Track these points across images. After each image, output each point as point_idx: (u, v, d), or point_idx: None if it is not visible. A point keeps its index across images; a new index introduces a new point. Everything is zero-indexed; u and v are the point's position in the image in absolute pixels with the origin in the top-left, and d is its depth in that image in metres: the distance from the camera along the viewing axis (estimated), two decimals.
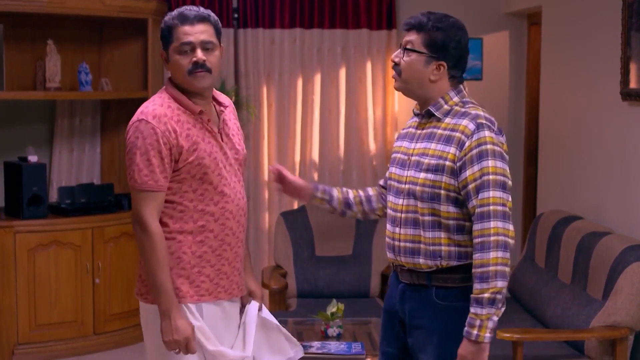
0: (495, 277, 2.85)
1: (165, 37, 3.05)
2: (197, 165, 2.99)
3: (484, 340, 2.87)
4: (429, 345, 3.04)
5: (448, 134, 2.98)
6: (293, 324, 4.87)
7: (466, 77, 6.73)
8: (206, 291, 3.06)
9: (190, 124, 3.02)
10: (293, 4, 6.57)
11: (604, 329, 4.17)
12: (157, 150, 2.93)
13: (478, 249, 2.88)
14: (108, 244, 5.86)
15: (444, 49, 3.02)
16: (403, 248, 3.07)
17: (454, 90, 3.06)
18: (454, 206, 2.97)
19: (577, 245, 4.73)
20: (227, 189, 3.07)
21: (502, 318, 5.03)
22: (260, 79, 6.61)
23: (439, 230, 2.99)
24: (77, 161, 6.46)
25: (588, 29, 5.30)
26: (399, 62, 3.07)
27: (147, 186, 2.95)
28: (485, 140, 2.92)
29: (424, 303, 3.06)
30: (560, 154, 5.75)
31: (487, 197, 2.88)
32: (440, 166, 2.96)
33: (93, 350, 5.82)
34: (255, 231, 6.68)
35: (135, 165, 2.95)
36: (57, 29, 6.11)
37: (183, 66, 3.02)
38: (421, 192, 2.99)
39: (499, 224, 2.87)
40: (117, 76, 6.36)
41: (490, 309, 2.85)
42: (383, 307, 3.32)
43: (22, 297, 5.58)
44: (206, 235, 3.05)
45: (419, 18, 3.08)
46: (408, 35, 3.08)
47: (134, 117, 3.02)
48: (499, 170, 2.91)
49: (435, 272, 3.02)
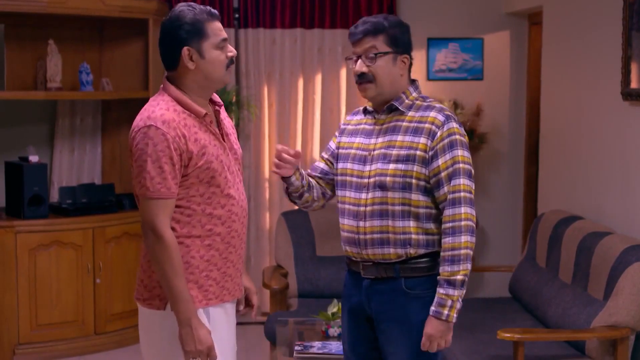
0: (466, 260, 3.02)
1: (197, 33, 2.93)
2: (205, 170, 2.94)
3: (452, 320, 3.02)
4: (401, 336, 3.12)
5: (415, 125, 3.11)
6: (294, 324, 4.86)
7: (467, 77, 6.82)
8: (213, 295, 3.01)
9: (197, 127, 2.95)
10: (294, 4, 6.57)
11: (605, 329, 4.17)
12: (168, 156, 2.85)
13: (449, 233, 3.03)
14: (109, 244, 5.86)
15: (405, 42, 3.17)
16: (370, 240, 3.12)
17: (412, 86, 3.22)
18: (423, 195, 3.09)
19: (578, 245, 4.73)
20: (232, 191, 3.02)
21: (503, 318, 5.05)
22: (261, 79, 6.61)
23: (408, 219, 3.09)
24: (78, 161, 6.46)
25: (589, 28, 5.30)
26: (367, 71, 3.16)
27: (160, 194, 2.87)
28: (454, 131, 3.08)
29: (393, 295, 3.13)
30: (561, 153, 5.75)
31: (458, 184, 3.04)
32: (411, 156, 3.08)
33: (94, 350, 5.83)
34: (256, 231, 6.68)
35: (147, 173, 2.86)
36: (58, 28, 6.11)
37: (222, 61, 2.98)
38: (392, 182, 3.08)
39: (468, 210, 3.04)
40: (118, 76, 6.36)
41: (461, 290, 3.02)
42: (343, 308, 3.34)
43: (23, 297, 5.58)
44: (213, 238, 3.00)
45: (371, 23, 3.15)
46: (364, 43, 3.15)
47: (138, 121, 2.92)
48: (466, 160, 3.09)
49: (403, 262, 3.11)
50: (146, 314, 3.05)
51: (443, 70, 6.71)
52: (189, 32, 2.92)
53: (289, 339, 4.63)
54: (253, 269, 6.69)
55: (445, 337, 3.04)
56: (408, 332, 3.10)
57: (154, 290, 3.00)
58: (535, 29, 6.55)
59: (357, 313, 3.25)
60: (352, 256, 3.22)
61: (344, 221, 3.22)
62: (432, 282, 3.08)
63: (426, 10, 6.70)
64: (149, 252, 2.92)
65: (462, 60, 6.75)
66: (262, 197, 6.66)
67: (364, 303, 3.20)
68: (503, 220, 6.77)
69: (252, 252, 6.69)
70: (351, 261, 3.25)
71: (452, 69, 6.75)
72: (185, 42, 2.92)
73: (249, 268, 6.71)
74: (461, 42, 6.71)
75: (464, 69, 6.76)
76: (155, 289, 3.00)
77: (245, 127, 6.59)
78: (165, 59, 3.01)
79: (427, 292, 3.09)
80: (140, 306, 3.07)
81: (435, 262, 3.11)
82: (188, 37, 2.92)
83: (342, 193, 3.24)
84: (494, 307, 5.26)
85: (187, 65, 2.94)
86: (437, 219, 3.10)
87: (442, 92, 6.60)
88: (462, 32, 6.70)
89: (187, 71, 2.96)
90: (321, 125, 6.66)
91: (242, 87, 6.56)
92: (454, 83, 6.74)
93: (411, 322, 3.10)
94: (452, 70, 6.75)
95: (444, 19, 6.70)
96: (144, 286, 3.04)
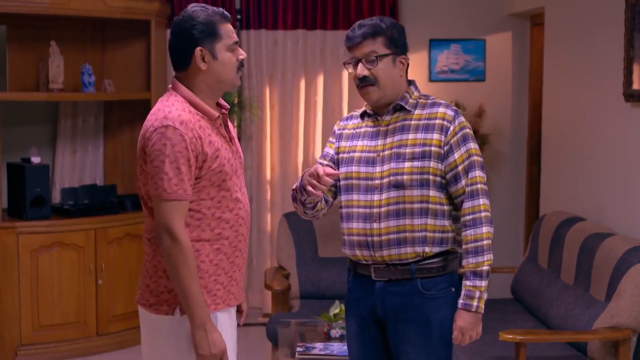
0: (489, 250, 3.09)
1: (210, 33, 2.90)
2: (218, 172, 2.90)
3: (481, 310, 3.08)
4: (418, 337, 3.12)
5: (425, 122, 3.13)
6: (296, 325, 4.86)
7: (469, 79, 6.82)
8: (220, 299, 2.98)
9: (209, 129, 2.92)
10: (296, 5, 6.58)
11: (607, 330, 4.17)
12: (186, 158, 2.80)
13: (470, 225, 3.08)
14: (111, 245, 5.86)
15: (402, 43, 3.19)
16: (386, 241, 3.11)
17: (412, 86, 3.24)
18: (438, 191, 3.12)
19: (580, 247, 4.72)
20: (239, 194, 3.00)
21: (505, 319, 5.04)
22: (263, 80, 6.62)
23: (425, 216, 3.11)
24: (80, 162, 6.47)
25: (591, 29, 5.30)
26: (368, 74, 3.14)
27: (177, 195, 2.81)
28: (464, 125, 3.14)
29: (409, 296, 3.13)
30: (563, 154, 5.75)
31: (475, 176, 3.10)
32: (426, 152, 3.10)
33: (96, 352, 5.83)
34: (258, 232, 6.68)
35: (164, 174, 2.80)
36: (60, 30, 6.12)
37: (234, 63, 2.95)
38: (410, 180, 3.09)
39: (485, 201, 3.11)
40: (120, 77, 6.37)
41: (486, 281, 3.08)
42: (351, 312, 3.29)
43: (25, 298, 5.58)
44: (222, 242, 2.96)
45: (369, 26, 3.15)
46: (363, 47, 3.14)
47: (154, 121, 2.86)
48: (478, 152, 3.15)
49: (418, 262, 3.12)
50: (151, 318, 3.01)
51: (445, 71, 6.71)
52: (202, 32, 2.89)
53: (291, 340, 4.63)
54: (255, 270, 6.69)
55: (476, 328, 3.09)
56: (427, 333, 3.11)
57: (162, 295, 2.96)
58: (537, 30, 6.55)
59: (366, 317, 3.23)
60: (361, 259, 3.20)
61: (352, 225, 3.18)
62: (447, 281, 3.14)
63: (428, 12, 6.71)
64: (164, 255, 2.85)
65: (464, 62, 6.75)
66: (264, 199, 6.67)
67: (377, 306, 3.18)
68: (505, 221, 6.76)
69: (253, 253, 6.69)
70: (359, 265, 3.22)
71: (454, 70, 6.75)
72: (198, 42, 2.89)
73: (251, 269, 6.71)
74: (463, 43, 6.71)
75: (465, 70, 6.76)
76: (162, 295, 2.95)
77: (247, 128, 6.59)
78: (175, 59, 2.97)
79: (442, 292, 3.13)
80: (145, 311, 3.02)
81: (447, 261, 3.15)
82: (201, 37, 2.89)
83: (347, 197, 3.21)
84: (496, 308, 5.25)
85: (199, 65, 2.91)
86: (450, 216, 3.14)
87: (444, 93, 6.59)
88: (464, 33, 6.70)
89: (198, 72, 2.93)
90: (323, 127, 6.66)
91: (244, 88, 6.56)
92: (456, 84, 6.74)
93: (430, 322, 3.11)
94: (454, 72, 6.75)
95: (445, 20, 6.70)
96: (149, 291, 2.99)
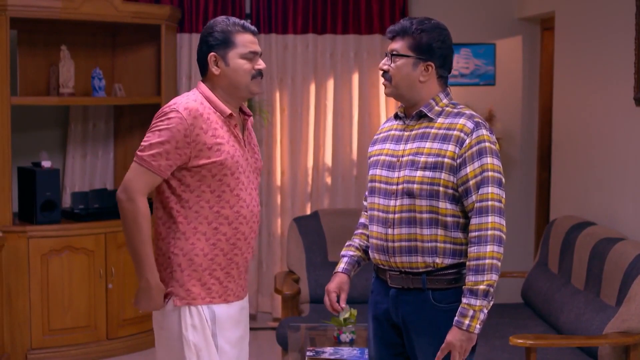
0: (490, 270, 2.96)
1: (224, 41, 3.11)
2: (219, 165, 3.06)
3: (474, 331, 2.97)
4: (429, 346, 3.09)
5: (444, 132, 3.09)
6: (306, 330, 4.86)
7: (479, 83, 6.81)
8: (216, 294, 3.13)
9: (218, 125, 3.10)
10: (306, 10, 6.58)
11: (617, 335, 4.15)
12: (175, 139, 3.01)
13: (475, 242, 2.99)
14: (121, 249, 5.86)
15: (430, 49, 3.13)
16: (398, 248, 3.10)
17: (443, 93, 3.20)
18: (451, 203, 3.05)
19: (590, 251, 4.71)
20: (243, 193, 3.14)
21: (515, 323, 5.03)
22: (273, 84, 6.63)
23: (436, 227, 3.06)
24: (90, 166, 6.48)
25: (601, 34, 5.29)
26: (387, 70, 3.16)
27: (148, 165, 3.02)
28: (484, 138, 3.06)
29: (421, 307, 3.11)
30: (573, 159, 5.74)
31: (487, 192, 3.00)
32: (439, 163, 3.04)
33: (106, 356, 5.83)
34: (267, 236, 6.68)
35: (148, 141, 3.03)
36: (71, 34, 6.14)
37: (247, 70, 3.13)
38: (419, 189, 3.05)
39: (495, 219, 2.99)
40: (131, 82, 6.38)
41: (483, 301, 2.96)
42: (369, 314, 3.33)
43: (36, 302, 5.60)
44: (219, 238, 3.11)
45: (401, 24, 3.18)
46: (393, 43, 3.18)
47: (164, 107, 3.11)
48: (496, 168, 3.06)
49: (430, 273, 3.08)
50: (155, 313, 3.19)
51: (455, 75, 6.70)
52: (216, 40, 3.12)
53: (301, 344, 4.63)
54: (265, 274, 6.69)
55: (466, 346, 2.98)
56: (437, 344, 3.04)
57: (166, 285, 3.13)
58: (548, 34, 6.54)
59: (382, 320, 3.25)
60: (380, 264, 3.21)
61: (373, 228, 3.21)
62: (459, 294, 3.03)
63: (438, 16, 6.59)
64: (120, 213, 3.05)
65: (474, 66, 6.74)
66: (274, 203, 6.67)
67: (391, 311, 3.19)
68: (515, 226, 6.74)
69: (263, 257, 6.69)
70: (379, 269, 3.24)
71: (464, 74, 6.74)
72: (212, 49, 3.13)
73: (261, 274, 6.71)
74: (473, 47, 6.71)
75: (476, 74, 6.75)
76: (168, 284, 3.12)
77: (257, 132, 6.60)
78: (198, 64, 3.21)
79: (454, 305, 3.04)
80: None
81: (460, 274, 3.07)
82: (215, 44, 3.12)
83: (371, 200, 3.25)
84: (506, 312, 5.25)
85: (212, 69, 3.14)
86: (465, 228, 3.06)
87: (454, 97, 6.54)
88: (474, 37, 6.69)
89: (213, 76, 3.15)
90: (333, 131, 6.66)
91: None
92: (466, 88, 6.73)
93: (440, 334, 3.04)
94: (464, 76, 6.74)
95: (456, 24, 6.66)
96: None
